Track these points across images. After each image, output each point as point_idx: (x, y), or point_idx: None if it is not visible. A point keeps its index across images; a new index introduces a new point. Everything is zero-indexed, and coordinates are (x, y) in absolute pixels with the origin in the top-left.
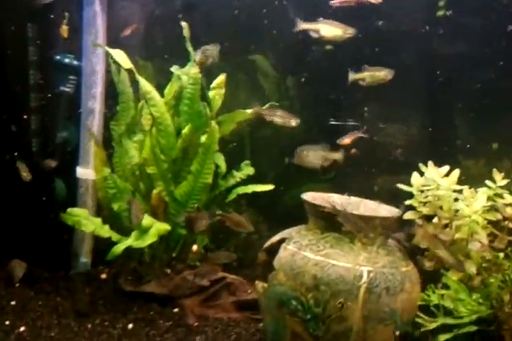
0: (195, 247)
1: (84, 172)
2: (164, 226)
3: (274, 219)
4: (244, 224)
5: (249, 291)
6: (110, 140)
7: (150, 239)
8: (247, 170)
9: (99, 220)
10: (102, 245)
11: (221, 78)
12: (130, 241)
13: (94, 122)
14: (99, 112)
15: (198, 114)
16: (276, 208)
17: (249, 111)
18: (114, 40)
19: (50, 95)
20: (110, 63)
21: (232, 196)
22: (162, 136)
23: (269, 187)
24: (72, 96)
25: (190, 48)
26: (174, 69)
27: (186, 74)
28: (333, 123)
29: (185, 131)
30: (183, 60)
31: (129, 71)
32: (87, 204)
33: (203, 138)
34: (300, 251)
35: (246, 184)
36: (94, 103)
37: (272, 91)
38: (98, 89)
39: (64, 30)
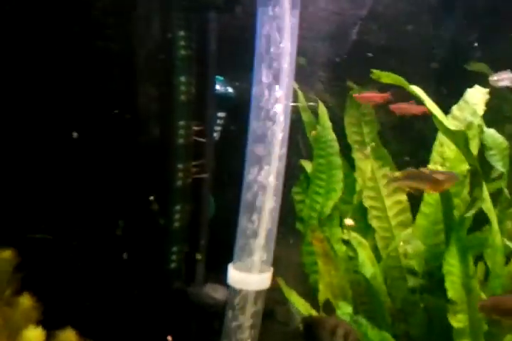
0: None
1: (246, 280)
2: None
3: None
4: None
5: None
6: None
7: None
8: None
9: None
10: None
11: None
12: None
13: (266, 194)
14: (277, 171)
15: None
16: None
17: None
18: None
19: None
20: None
21: None
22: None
23: None
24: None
25: None
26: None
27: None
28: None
29: None
30: None
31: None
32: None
33: None
34: None
35: None
36: (271, 156)
37: None
38: (277, 135)
39: None
